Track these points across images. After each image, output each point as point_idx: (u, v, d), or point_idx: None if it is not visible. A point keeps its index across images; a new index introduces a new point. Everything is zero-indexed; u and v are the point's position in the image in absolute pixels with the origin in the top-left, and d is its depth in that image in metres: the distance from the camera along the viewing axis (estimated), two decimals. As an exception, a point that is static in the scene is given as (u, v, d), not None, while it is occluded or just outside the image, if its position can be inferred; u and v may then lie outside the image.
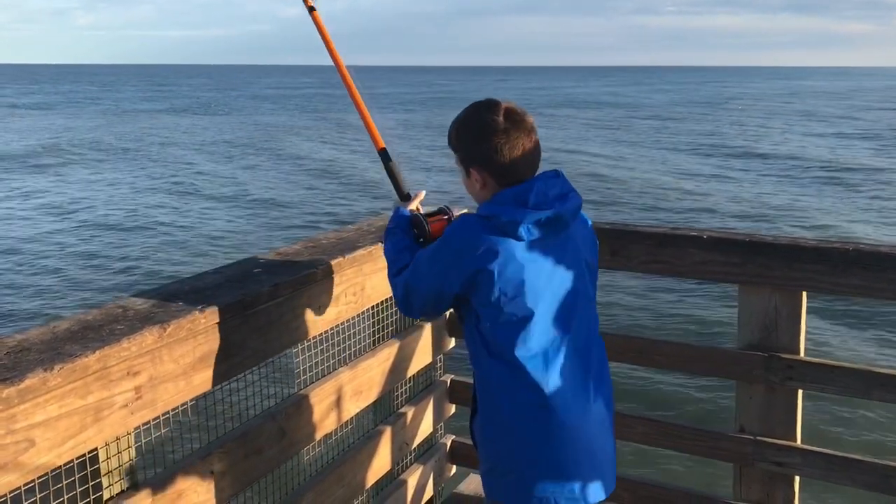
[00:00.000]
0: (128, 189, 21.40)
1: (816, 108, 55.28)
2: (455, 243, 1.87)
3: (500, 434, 1.89)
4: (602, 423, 1.91)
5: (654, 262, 2.69)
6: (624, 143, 32.10)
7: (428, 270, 1.92)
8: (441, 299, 1.93)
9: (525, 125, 1.90)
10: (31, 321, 9.84)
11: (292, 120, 47.10)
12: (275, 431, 2.16)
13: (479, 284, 1.83)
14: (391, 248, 2.11)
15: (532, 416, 1.83)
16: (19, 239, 15.22)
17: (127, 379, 1.67)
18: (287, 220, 17.24)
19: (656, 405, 7.11)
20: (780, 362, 2.52)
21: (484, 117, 1.90)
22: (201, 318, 1.83)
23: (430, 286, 1.92)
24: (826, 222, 16.16)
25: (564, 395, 1.84)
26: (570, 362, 1.86)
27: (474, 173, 1.93)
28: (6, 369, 1.46)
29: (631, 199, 19.04)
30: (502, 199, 1.85)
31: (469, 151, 1.93)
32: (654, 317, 9.90)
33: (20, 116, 48.75)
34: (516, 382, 1.83)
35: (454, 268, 1.85)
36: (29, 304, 11.08)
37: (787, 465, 2.56)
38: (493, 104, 1.92)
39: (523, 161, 1.89)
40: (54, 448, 1.52)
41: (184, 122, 45.06)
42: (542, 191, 1.85)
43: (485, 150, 1.88)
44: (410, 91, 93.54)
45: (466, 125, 1.95)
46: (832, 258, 2.42)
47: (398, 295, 2.04)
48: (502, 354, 1.84)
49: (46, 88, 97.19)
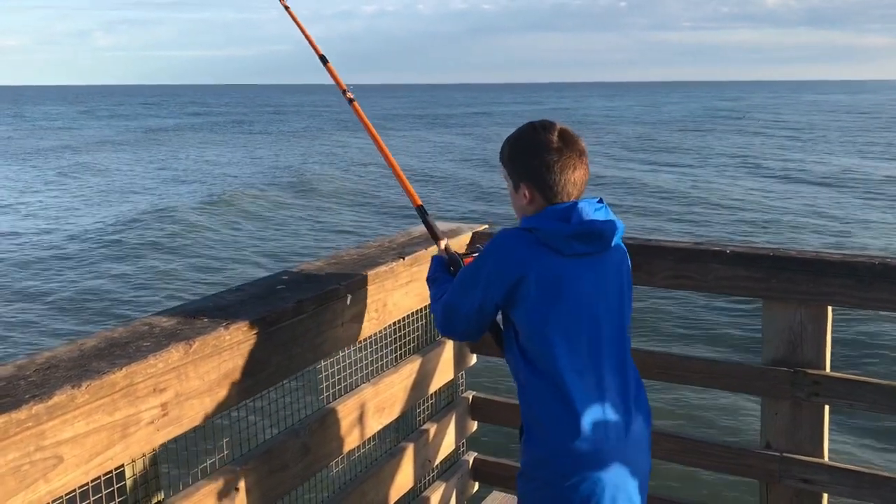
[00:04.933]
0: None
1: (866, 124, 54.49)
2: (496, 253, 1.92)
3: (537, 446, 1.91)
4: (639, 443, 1.92)
5: (677, 277, 2.68)
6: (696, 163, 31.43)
7: (469, 284, 1.96)
8: (483, 314, 1.97)
9: (577, 147, 1.96)
10: (59, 338, 9.96)
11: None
12: (298, 448, 2.17)
13: (518, 295, 1.87)
14: (435, 292, 2.17)
15: (568, 431, 1.84)
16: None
17: (153, 395, 1.68)
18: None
19: (681, 421, 7.05)
20: (806, 378, 2.49)
21: (539, 135, 1.96)
22: (226, 334, 1.84)
23: (472, 300, 1.96)
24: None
25: (602, 413, 1.85)
26: (608, 381, 1.88)
27: (523, 188, 1.98)
28: (35, 386, 1.47)
29: (727, 218, 18.60)
30: (547, 215, 1.90)
31: (521, 167, 1.98)
32: (677, 332, 9.82)
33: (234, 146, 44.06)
34: (555, 397, 1.85)
35: (495, 278, 1.90)
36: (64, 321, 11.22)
37: (815, 482, 2.52)
38: (549, 124, 1.98)
39: (572, 181, 1.94)
40: (82, 464, 1.53)
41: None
42: (586, 211, 1.89)
43: (536, 166, 1.93)
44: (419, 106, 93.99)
45: (521, 142, 2.00)
46: (858, 272, 2.39)
47: (439, 318, 2.08)
48: (540, 368, 1.87)
49: (154, 110, 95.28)
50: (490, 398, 3.19)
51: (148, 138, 49.21)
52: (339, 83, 2.50)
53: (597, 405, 1.85)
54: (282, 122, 62.95)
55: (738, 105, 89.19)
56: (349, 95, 2.47)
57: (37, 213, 21.02)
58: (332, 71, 2.49)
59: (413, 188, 2.37)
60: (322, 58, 2.52)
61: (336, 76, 2.49)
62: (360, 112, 2.44)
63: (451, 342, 2.96)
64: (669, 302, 10.60)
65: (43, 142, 46.55)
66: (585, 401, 1.84)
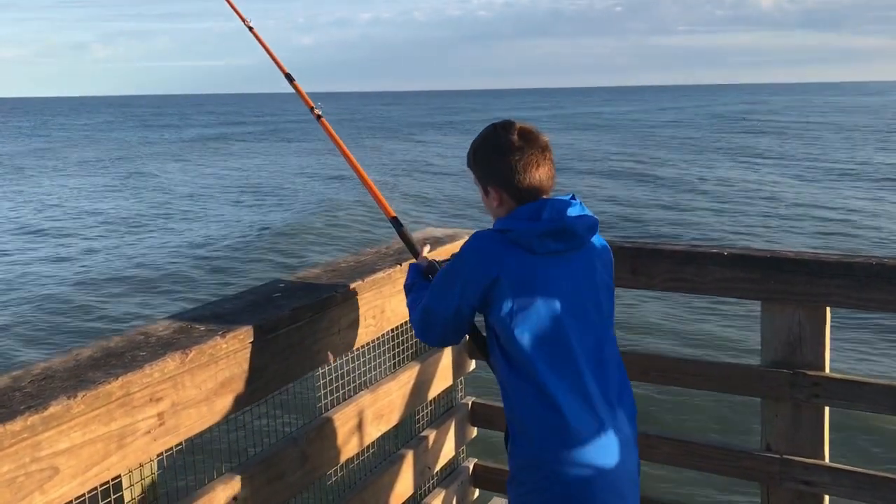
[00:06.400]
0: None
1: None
2: (469, 256, 1.91)
3: (523, 450, 1.89)
4: (625, 442, 1.89)
5: (675, 280, 2.68)
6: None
7: (445, 288, 1.95)
8: (460, 319, 1.95)
9: (539, 144, 1.95)
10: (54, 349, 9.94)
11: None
12: (297, 456, 2.16)
13: (493, 297, 1.85)
14: (412, 299, 2.17)
15: (552, 433, 1.82)
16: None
17: (150, 405, 1.67)
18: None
19: (680, 425, 7.03)
20: (805, 379, 2.48)
21: (500, 136, 1.95)
22: (222, 343, 1.83)
23: (448, 305, 1.94)
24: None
25: (585, 414, 1.83)
26: (588, 379, 1.85)
27: (492, 191, 1.98)
28: (31, 397, 1.47)
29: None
30: (517, 215, 1.89)
31: (486, 170, 1.99)
32: (675, 335, 9.82)
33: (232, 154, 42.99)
34: (536, 399, 1.84)
35: (470, 281, 1.88)
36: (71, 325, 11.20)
37: (816, 484, 2.51)
38: (508, 124, 1.98)
39: (537, 179, 1.93)
40: (78, 475, 1.52)
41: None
42: (557, 208, 1.88)
43: (501, 168, 1.93)
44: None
45: (483, 145, 2.00)
46: (856, 273, 2.39)
47: (417, 324, 2.07)
48: (521, 370, 1.85)
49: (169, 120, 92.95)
50: (490, 404, 3.18)
51: (206, 147, 47.83)
52: (305, 100, 2.51)
53: (579, 406, 1.82)
54: (312, 133, 61.65)
55: (759, 108, 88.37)
56: (317, 112, 2.48)
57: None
58: (299, 88, 2.52)
59: (386, 200, 2.37)
60: (288, 76, 2.55)
61: (303, 93, 2.51)
62: (329, 128, 2.44)
63: (450, 348, 2.95)
64: (668, 304, 10.60)
65: (125, 151, 45.43)
66: (567, 402, 1.81)
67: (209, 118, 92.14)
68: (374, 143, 46.57)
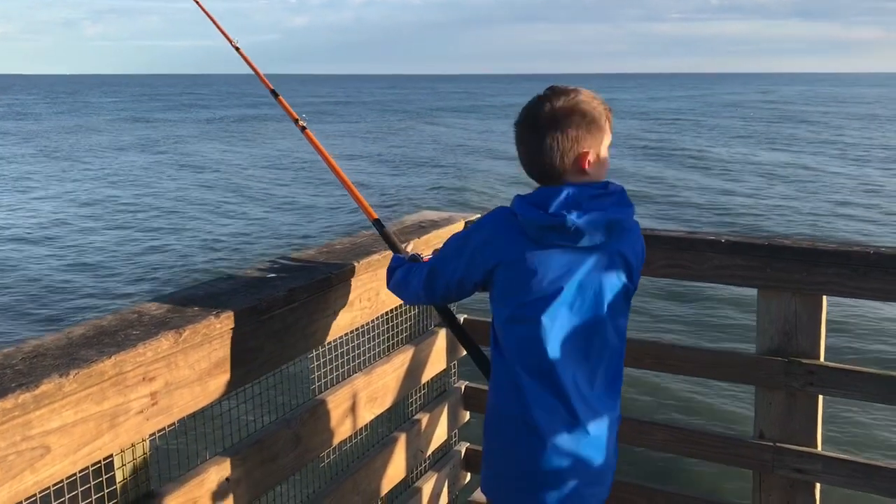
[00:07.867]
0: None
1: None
2: (485, 231, 1.85)
3: (493, 431, 1.91)
4: (595, 443, 1.83)
5: (672, 266, 2.67)
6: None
7: (456, 254, 1.90)
8: (462, 287, 1.93)
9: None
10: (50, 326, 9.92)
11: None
12: (290, 438, 2.15)
13: (494, 279, 1.82)
14: (405, 269, 2.12)
15: (522, 425, 1.81)
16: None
17: (142, 385, 1.66)
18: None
19: (674, 412, 7.06)
20: (800, 367, 2.48)
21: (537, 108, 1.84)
22: (217, 323, 1.82)
23: (454, 271, 1.90)
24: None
25: (557, 411, 1.79)
26: (565, 375, 1.79)
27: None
28: (22, 375, 1.45)
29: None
30: (531, 199, 1.79)
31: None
32: (671, 322, 9.84)
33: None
34: (511, 388, 1.82)
35: (479, 256, 1.83)
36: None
37: (808, 472, 2.52)
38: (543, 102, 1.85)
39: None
40: (70, 454, 1.51)
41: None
42: (574, 198, 1.74)
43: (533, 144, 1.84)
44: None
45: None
46: (853, 261, 2.38)
47: (420, 280, 2.00)
48: (504, 356, 1.85)
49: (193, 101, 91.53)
50: (483, 388, 3.17)
51: (240, 129, 46.50)
52: (290, 114, 2.54)
53: (549, 402, 1.78)
54: (338, 116, 59.23)
55: (774, 97, 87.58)
56: (301, 124, 2.53)
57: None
58: (284, 103, 2.57)
59: (368, 202, 2.38)
60: (273, 92, 2.61)
61: (288, 108, 2.55)
62: (313, 138, 2.48)
63: (444, 332, 2.94)
64: (663, 290, 10.61)
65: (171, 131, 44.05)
66: (536, 397, 1.78)
67: (238, 100, 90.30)
68: (407, 124, 45.77)
